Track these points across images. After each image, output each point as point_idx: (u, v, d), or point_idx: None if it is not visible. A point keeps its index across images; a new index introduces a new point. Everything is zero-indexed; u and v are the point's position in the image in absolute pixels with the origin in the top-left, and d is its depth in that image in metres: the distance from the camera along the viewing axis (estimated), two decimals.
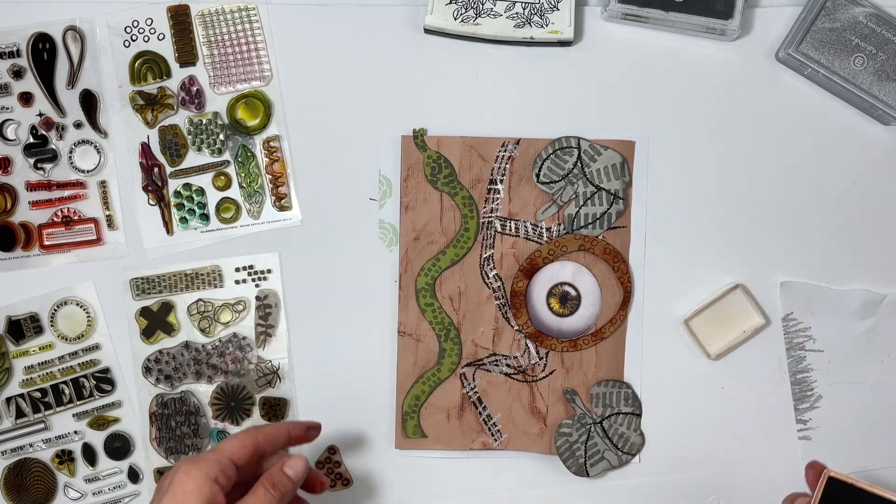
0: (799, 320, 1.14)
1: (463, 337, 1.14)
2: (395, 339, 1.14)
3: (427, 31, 1.13)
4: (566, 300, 1.14)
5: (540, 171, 1.12)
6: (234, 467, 0.88)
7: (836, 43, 1.10)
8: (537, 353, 1.14)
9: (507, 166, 1.13)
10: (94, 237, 1.13)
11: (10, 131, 1.13)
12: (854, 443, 1.15)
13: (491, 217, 1.13)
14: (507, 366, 1.14)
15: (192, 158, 1.14)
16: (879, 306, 1.14)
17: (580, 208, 1.12)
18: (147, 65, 1.13)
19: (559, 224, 1.13)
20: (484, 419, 1.14)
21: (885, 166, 1.14)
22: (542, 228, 1.13)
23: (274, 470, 0.90)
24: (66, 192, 1.13)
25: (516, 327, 1.14)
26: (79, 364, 1.14)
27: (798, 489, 0.94)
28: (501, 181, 1.13)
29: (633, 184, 1.13)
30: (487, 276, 1.14)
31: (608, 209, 1.12)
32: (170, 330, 1.14)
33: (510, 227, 1.13)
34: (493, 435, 1.14)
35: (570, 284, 1.14)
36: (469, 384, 1.14)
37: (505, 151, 1.13)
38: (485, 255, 1.13)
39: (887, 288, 1.14)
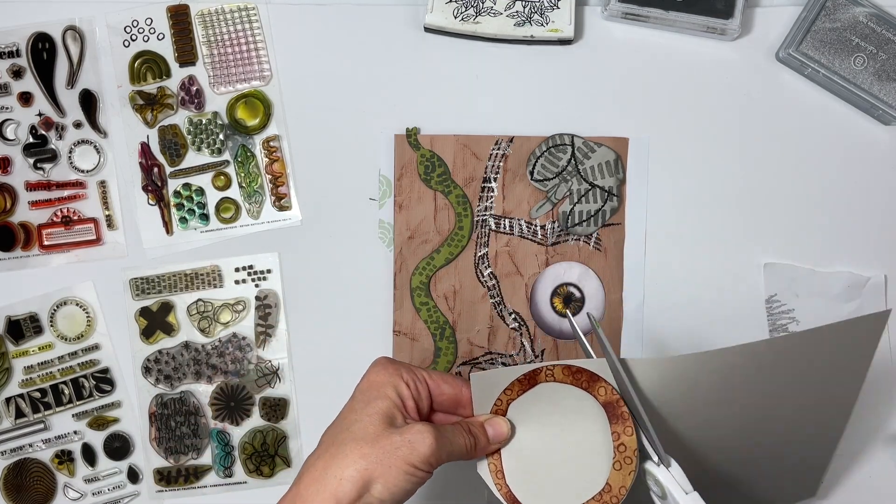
0: (782, 302, 1.13)
1: (458, 336, 1.14)
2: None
3: (427, 29, 1.13)
4: (570, 301, 1.14)
5: (534, 168, 1.12)
6: (426, 387, 0.88)
7: (836, 43, 1.10)
8: (533, 351, 1.14)
9: (501, 164, 1.13)
10: (94, 237, 1.13)
11: (9, 131, 1.13)
12: None
13: (485, 215, 1.13)
14: (503, 364, 1.14)
15: (192, 158, 1.14)
16: (863, 289, 1.14)
17: (574, 206, 1.12)
18: (147, 65, 1.14)
19: (553, 222, 1.13)
20: None
21: (885, 166, 1.14)
22: (536, 226, 1.13)
23: (477, 420, 0.89)
24: (66, 192, 1.13)
25: None
26: (78, 364, 1.14)
27: None
28: (495, 179, 1.13)
29: (626, 181, 1.13)
30: (482, 274, 1.13)
31: (602, 206, 1.12)
32: (169, 330, 1.14)
33: (504, 225, 1.13)
34: None
35: (576, 286, 1.14)
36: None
37: (498, 149, 1.13)
38: (479, 254, 1.13)
39: (870, 271, 1.14)
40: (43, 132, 1.13)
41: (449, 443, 0.83)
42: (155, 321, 1.14)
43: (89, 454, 1.15)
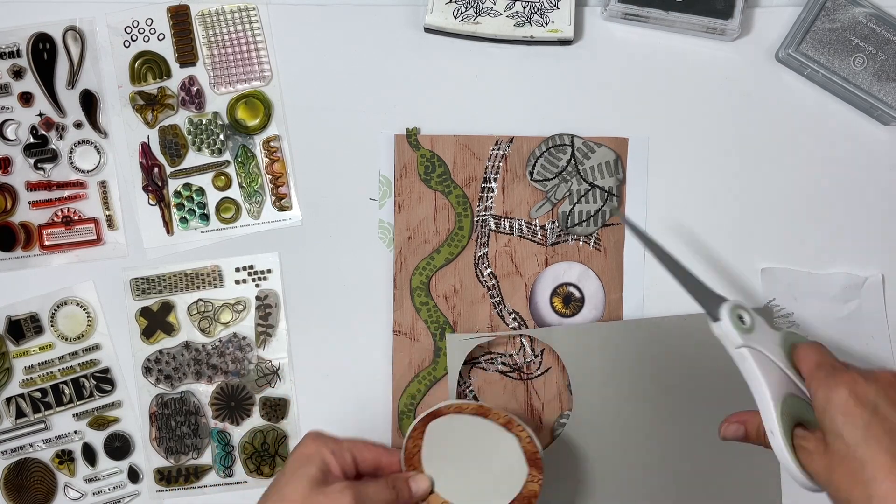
0: (782, 306, 1.13)
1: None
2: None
3: (427, 30, 1.13)
4: (569, 301, 1.14)
5: (534, 168, 1.12)
6: (350, 455, 0.95)
7: (835, 43, 1.10)
8: (532, 351, 1.14)
9: (501, 164, 1.13)
10: (94, 237, 1.14)
11: (10, 131, 1.13)
12: None
13: (485, 215, 1.13)
14: (503, 364, 1.14)
15: (192, 158, 1.14)
16: (861, 289, 1.14)
17: (574, 206, 1.12)
18: (147, 65, 1.14)
19: (553, 222, 1.13)
20: None
21: (883, 166, 1.14)
22: (536, 226, 1.13)
23: (401, 476, 0.98)
24: (66, 192, 1.14)
25: None
26: (79, 364, 1.14)
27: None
28: (495, 179, 1.13)
29: (626, 181, 1.13)
30: (482, 274, 1.13)
31: (602, 206, 1.12)
32: (170, 330, 1.14)
33: (504, 225, 1.13)
34: None
35: (575, 286, 1.14)
36: (464, 383, 1.14)
37: (498, 149, 1.13)
38: (479, 254, 1.13)
39: (868, 270, 1.14)
40: (43, 132, 1.13)
41: (369, 497, 0.91)
42: (155, 321, 1.14)
43: (90, 454, 1.15)
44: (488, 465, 0.98)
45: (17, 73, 1.13)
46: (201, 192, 1.14)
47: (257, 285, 1.15)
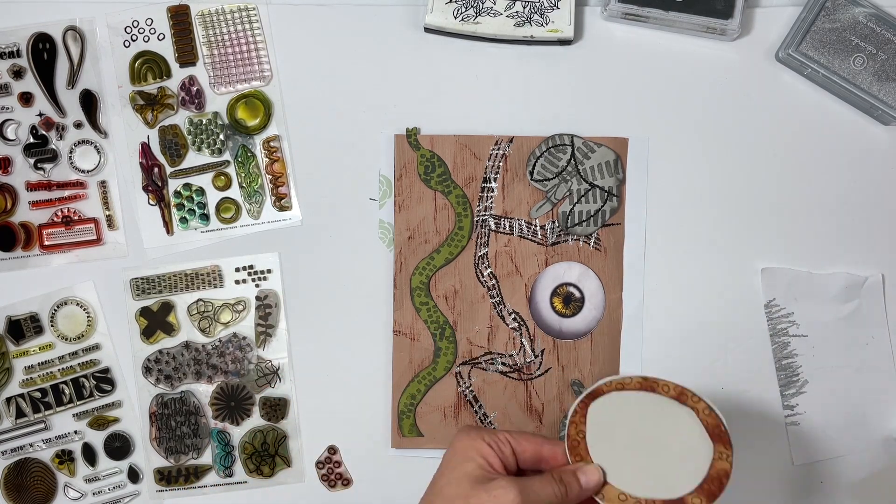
0: (781, 306, 1.13)
1: (458, 336, 1.14)
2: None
3: (427, 30, 1.13)
4: (570, 301, 1.14)
5: (534, 168, 1.12)
6: (509, 447, 0.89)
7: (835, 43, 1.10)
8: (532, 351, 1.14)
9: (501, 164, 1.13)
10: (94, 237, 1.13)
11: (10, 131, 1.13)
12: (841, 426, 1.14)
13: (485, 215, 1.13)
14: (503, 364, 1.14)
15: (192, 158, 1.14)
16: (861, 289, 1.14)
17: (574, 206, 1.12)
18: (147, 65, 1.14)
19: (553, 222, 1.13)
20: (480, 418, 1.14)
21: (884, 166, 1.14)
22: (536, 226, 1.13)
23: (568, 469, 0.88)
24: (66, 192, 1.14)
25: None
26: (79, 364, 1.14)
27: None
28: (495, 179, 1.13)
29: (627, 181, 1.13)
30: (482, 274, 1.13)
31: (602, 206, 1.12)
32: (170, 330, 1.14)
33: (504, 225, 1.13)
34: None
35: (576, 286, 1.14)
36: (464, 383, 1.14)
37: (498, 149, 1.13)
38: (479, 254, 1.13)
39: (868, 270, 1.14)
40: (43, 132, 1.13)
41: (535, 493, 0.85)
42: (155, 321, 1.14)
43: (90, 454, 1.15)
44: (665, 446, 0.88)
45: (17, 73, 1.13)
46: (201, 192, 1.14)
47: (257, 285, 1.15)
